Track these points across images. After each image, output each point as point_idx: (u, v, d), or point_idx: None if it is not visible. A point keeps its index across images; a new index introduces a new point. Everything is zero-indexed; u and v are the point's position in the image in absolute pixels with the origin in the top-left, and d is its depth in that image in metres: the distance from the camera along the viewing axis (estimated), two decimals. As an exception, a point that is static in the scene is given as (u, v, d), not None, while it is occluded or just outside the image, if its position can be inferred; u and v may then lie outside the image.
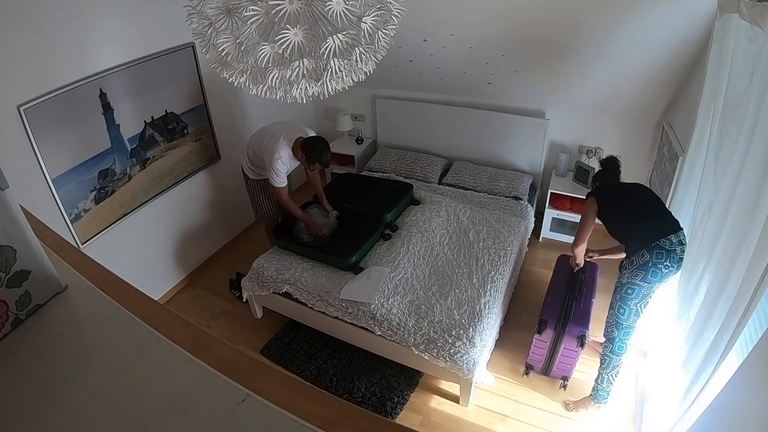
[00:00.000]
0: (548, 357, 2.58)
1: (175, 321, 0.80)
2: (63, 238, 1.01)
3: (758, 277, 1.28)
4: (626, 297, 2.20)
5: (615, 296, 2.27)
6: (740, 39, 1.72)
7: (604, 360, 2.34)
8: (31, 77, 2.20)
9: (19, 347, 0.76)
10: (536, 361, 2.63)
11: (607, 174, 2.57)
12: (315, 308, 2.70)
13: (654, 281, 2.13)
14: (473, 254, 2.91)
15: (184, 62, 3.02)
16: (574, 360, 2.51)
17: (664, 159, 2.90)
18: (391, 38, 1.42)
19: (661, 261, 2.10)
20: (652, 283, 2.14)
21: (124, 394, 0.70)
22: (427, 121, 4.02)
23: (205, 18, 1.30)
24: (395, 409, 2.50)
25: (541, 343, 2.54)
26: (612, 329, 2.28)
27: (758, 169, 1.37)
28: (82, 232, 2.61)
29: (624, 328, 2.24)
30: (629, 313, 2.21)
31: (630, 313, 2.21)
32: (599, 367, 2.38)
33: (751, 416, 1.13)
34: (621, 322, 2.24)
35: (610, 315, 2.30)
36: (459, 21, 2.95)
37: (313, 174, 3.02)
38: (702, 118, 2.11)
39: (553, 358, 2.56)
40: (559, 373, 2.59)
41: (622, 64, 2.90)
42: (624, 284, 2.21)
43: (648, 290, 2.16)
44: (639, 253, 2.15)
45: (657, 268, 2.10)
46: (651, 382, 2.31)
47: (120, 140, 2.71)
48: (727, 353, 1.44)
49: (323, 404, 0.64)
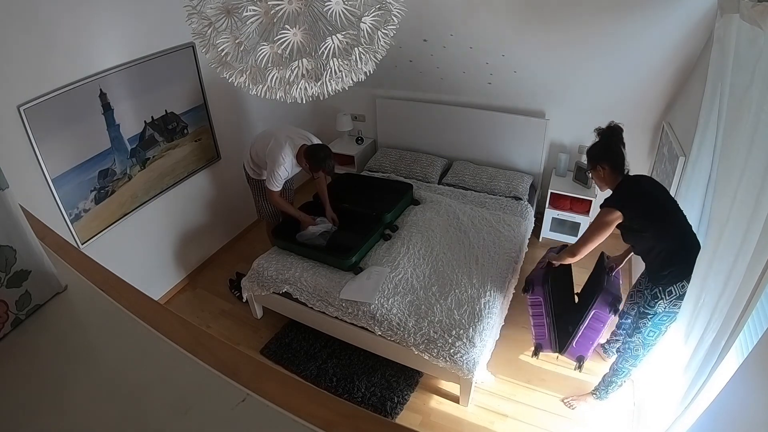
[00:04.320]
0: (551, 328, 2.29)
1: (175, 321, 0.80)
2: (63, 238, 1.01)
3: (757, 276, 1.28)
4: (660, 323, 2.04)
5: (645, 322, 2.06)
6: (741, 39, 1.72)
7: (620, 371, 2.26)
8: (31, 77, 2.20)
9: (19, 347, 0.76)
10: (541, 337, 2.35)
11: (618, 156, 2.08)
12: (315, 308, 2.70)
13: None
14: (473, 254, 2.91)
15: (184, 62, 3.02)
16: (598, 334, 2.22)
17: (664, 159, 2.90)
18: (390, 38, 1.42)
19: None
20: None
21: (124, 394, 0.70)
22: (427, 121, 4.02)
23: (205, 18, 1.30)
24: (395, 409, 2.50)
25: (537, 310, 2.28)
26: (638, 349, 2.14)
27: (760, 170, 1.37)
28: (82, 232, 2.61)
29: (650, 346, 2.12)
30: (657, 335, 2.08)
31: (659, 336, 2.08)
32: (613, 376, 2.30)
33: (751, 416, 1.13)
34: (649, 343, 2.11)
35: (637, 337, 2.12)
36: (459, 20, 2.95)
37: (319, 180, 3.04)
38: (704, 119, 2.10)
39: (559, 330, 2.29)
40: (576, 351, 2.27)
41: (622, 64, 2.90)
42: (659, 314, 2.01)
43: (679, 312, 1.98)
44: (679, 284, 1.93)
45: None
46: (650, 383, 2.31)
47: (120, 140, 2.71)
48: (726, 353, 1.44)
49: (323, 404, 0.64)
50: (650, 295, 2.03)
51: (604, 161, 2.08)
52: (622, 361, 2.24)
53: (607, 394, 2.38)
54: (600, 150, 2.11)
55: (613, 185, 2.11)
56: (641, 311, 2.08)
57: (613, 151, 2.09)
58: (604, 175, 2.10)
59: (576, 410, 2.47)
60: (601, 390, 2.39)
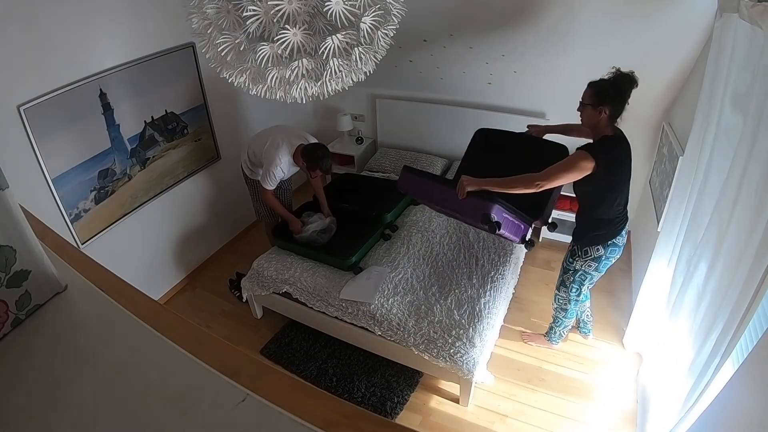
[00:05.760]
0: (519, 216, 2.17)
1: (175, 321, 0.80)
2: (63, 238, 1.01)
3: (759, 278, 1.27)
4: (580, 281, 2.37)
5: (568, 277, 2.39)
6: (740, 39, 1.72)
7: (557, 320, 2.64)
8: (31, 77, 2.20)
9: (18, 347, 0.76)
10: (523, 230, 2.22)
11: (623, 107, 1.99)
12: (315, 308, 2.70)
13: (605, 269, 2.30)
14: (473, 254, 2.91)
15: (184, 62, 3.02)
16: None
17: (664, 159, 2.90)
18: (390, 38, 1.43)
19: (614, 255, 2.25)
20: (603, 271, 2.31)
21: (124, 394, 0.70)
22: (427, 121, 4.02)
23: (205, 18, 1.30)
24: (395, 409, 2.50)
25: (508, 226, 2.12)
26: (565, 303, 2.51)
27: (763, 171, 1.36)
28: (82, 232, 2.61)
29: (575, 300, 2.47)
30: (579, 292, 2.42)
31: (580, 293, 2.43)
32: (553, 321, 2.69)
33: (750, 417, 1.13)
34: (573, 298, 2.45)
35: (563, 292, 2.47)
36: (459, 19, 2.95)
37: (315, 180, 3.03)
38: (700, 119, 2.10)
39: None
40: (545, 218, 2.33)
41: (622, 65, 2.89)
42: (578, 270, 2.33)
43: (598, 276, 2.34)
44: (595, 247, 2.22)
45: (608, 260, 2.26)
46: (652, 383, 2.31)
47: (120, 140, 2.71)
48: (728, 355, 1.44)
49: (323, 404, 0.64)
50: (570, 251, 2.35)
51: (610, 105, 1.96)
52: (557, 310, 2.60)
53: (555, 339, 2.75)
54: (614, 93, 1.96)
55: (599, 132, 2.04)
56: (564, 267, 2.42)
57: (623, 100, 1.96)
58: (601, 117, 1.99)
59: (532, 347, 2.82)
60: (549, 334, 2.76)
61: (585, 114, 2.05)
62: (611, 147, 2.01)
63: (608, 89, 1.96)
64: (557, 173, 1.97)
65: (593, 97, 1.99)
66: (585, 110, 2.04)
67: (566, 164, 1.98)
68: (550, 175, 1.97)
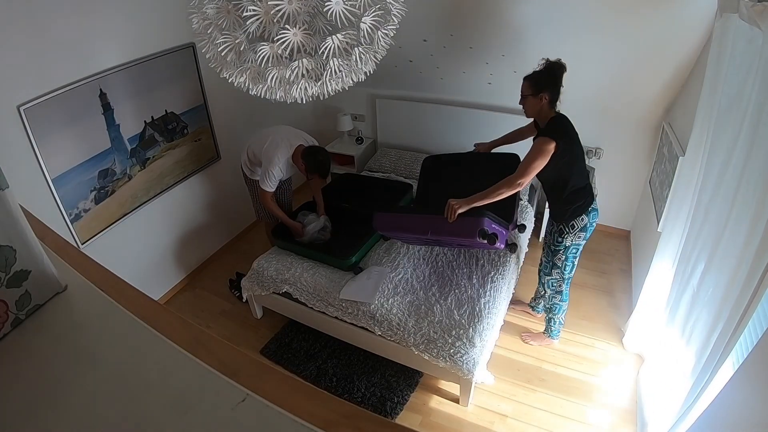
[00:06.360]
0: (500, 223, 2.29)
1: (175, 321, 0.80)
2: (63, 238, 1.01)
3: (758, 278, 1.27)
4: (573, 256, 2.42)
5: (559, 257, 2.44)
6: (739, 39, 1.72)
7: (554, 308, 2.65)
8: (31, 77, 2.20)
9: (18, 347, 0.76)
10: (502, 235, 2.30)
11: (558, 91, 2.17)
12: (315, 308, 2.69)
13: (589, 235, 2.35)
14: (473, 254, 2.91)
15: (184, 62, 3.02)
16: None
17: (664, 159, 2.90)
18: (390, 38, 1.43)
19: (596, 219, 2.32)
20: (587, 239, 2.37)
21: (124, 394, 0.70)
22: (427, 121, 4.02)
23: (205, 18, 1.31)
24: (395, 409, 2.50)
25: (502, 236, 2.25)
26: (560, 284, 2.55)
27: (762, 171, 1.36)
28: (82, 232, 2.61)
29: (568, 279, 2.52)
30: (572, 267, 2.47)
31: (573, 268, 2.48)
32: (550, 313, 2.69)
33: (750, 417, 1.13)
34: (566, 276, 2.50)
35: (556, 274, 2.51)
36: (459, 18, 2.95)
37: (314, 182, 3.03)
38: (701, 119, 2.11)
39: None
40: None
41: (621, 65, 2.90)
42: (569, 246, 2.39)
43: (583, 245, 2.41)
44: (579, 218, 2.29)
45: (592, 226, 2.33)
46: (652, 384, 2.31)
47: (120, 140, 2.71)
48: (727, 356, 1.44)
49: (323, 404, 0.64)
50: (557, 232, 2.40)
51: (548, 91, 2.15)
52: (551, 298, 2.64)
53: (555, 332, 2.75)
54: (549, 80, 2.15)
55: (543, 117, 2.22)
56: (553, 249, 2.45)
57: (557, 85, 2.16)
58: (542, 104, 2.17)
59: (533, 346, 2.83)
60: (549, 330, 2.77)
61: (528, 104, 2.22)
62: (560, 124, 2.18)
63: (543, 77, 2.16)
64: (530, 164, 2.09)
65: (532, 87, 2.17)
66: (527, 101, 2.21)
67: (533, 153, 2.11)
68: (524, 169, 2.11)
